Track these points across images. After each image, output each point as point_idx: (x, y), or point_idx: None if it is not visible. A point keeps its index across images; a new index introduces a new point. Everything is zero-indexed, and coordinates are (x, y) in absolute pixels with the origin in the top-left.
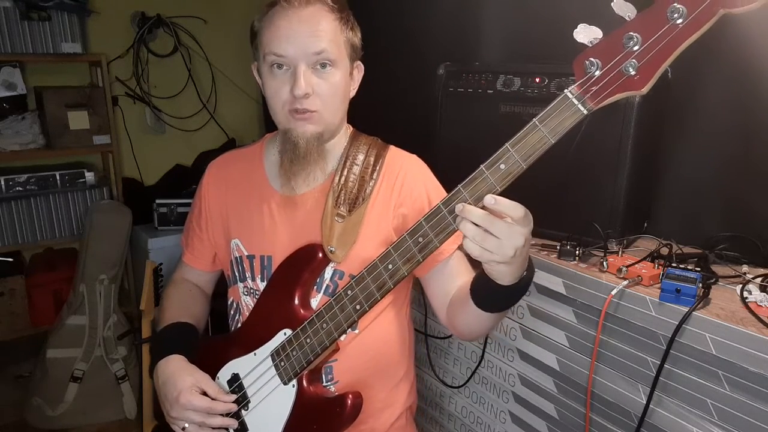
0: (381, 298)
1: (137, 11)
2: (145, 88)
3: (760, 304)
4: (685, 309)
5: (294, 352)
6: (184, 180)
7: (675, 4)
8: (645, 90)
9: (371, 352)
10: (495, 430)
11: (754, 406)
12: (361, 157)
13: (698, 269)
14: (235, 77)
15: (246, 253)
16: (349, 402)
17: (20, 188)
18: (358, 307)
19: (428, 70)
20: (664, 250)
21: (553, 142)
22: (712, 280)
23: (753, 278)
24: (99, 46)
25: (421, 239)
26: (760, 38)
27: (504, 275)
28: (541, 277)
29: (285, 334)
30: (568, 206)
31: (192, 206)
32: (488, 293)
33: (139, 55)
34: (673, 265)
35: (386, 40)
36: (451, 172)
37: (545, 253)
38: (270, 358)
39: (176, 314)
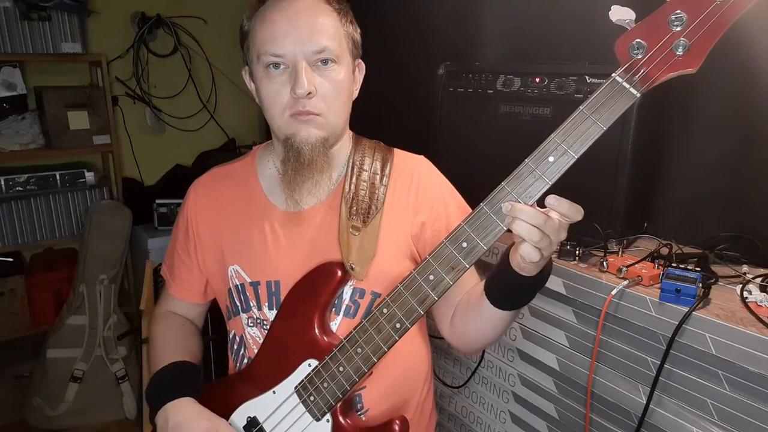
0: (424, 313)
1: (137, 11)
2: (145, 88)
3: (760, 304)
4: (685, 309)
5: (325, 384)
6: (184, 180)
7: None
8: (698, 68)
9: (399, 369)
10: (495, 430)
11: (754, 406)
12: (368, 161)
13: (698, 269)
14: (235, 77)
15: (249, 280)
16: (397, 428)
17: (20, 188)
18: (398, 325)
19: (428, 70)
20: (664, 250)
21: (605, 128)
22: (712, 280)
23: (753, 278)
24: (99, 46)
25: (465, 244)
26: (761, 38)
27: (536, 268)
28: None
29: (310, 365)
30: None
31: (174, 231)
32: (510, 288)
33: (139, 55)
34: (673, 265)
35: (386, 40)
36: (451, 172)
37: None
38: (296, 394)
39: (173, 353)
